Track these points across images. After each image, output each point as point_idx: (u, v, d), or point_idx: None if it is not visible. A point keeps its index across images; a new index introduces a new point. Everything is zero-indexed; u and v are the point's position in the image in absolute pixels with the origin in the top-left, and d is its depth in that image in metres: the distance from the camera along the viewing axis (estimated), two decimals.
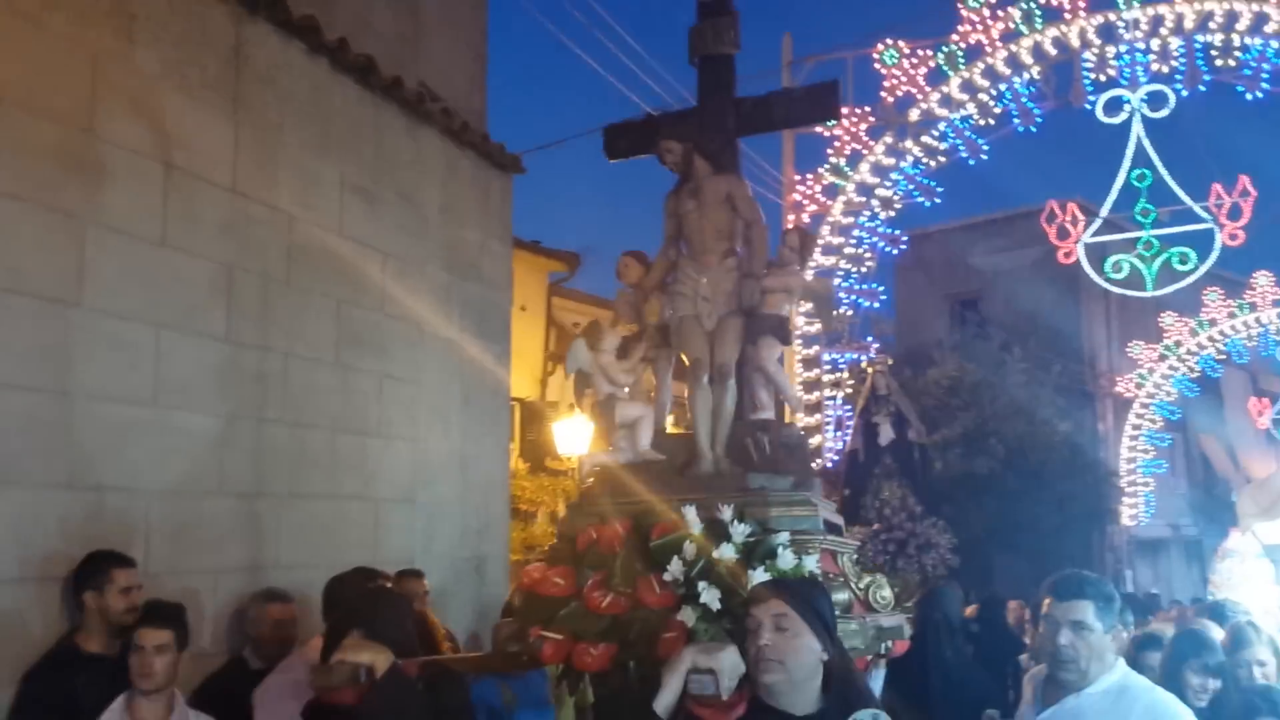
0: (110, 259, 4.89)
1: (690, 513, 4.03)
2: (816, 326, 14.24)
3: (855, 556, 4.73)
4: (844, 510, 12.01)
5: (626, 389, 4.90)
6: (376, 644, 3.38)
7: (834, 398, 14.11)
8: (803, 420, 13.98)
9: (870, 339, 14.55)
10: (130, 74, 5.06)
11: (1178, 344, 20.64)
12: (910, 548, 11.17)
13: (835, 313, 14.10)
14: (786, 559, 3.91)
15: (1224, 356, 20.46)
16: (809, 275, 5.39)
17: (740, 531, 3.96)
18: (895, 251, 14.78)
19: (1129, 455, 21.12)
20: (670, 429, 5.33)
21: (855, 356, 14.20)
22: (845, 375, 14.15)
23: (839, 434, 13.90)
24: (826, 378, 14.22)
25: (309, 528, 5.95)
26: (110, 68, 4.96)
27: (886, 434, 11.97)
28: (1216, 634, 4.95)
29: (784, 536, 4.03)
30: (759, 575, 3.78)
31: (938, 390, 18.06)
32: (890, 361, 13.33)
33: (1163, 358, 20.83)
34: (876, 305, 14.68)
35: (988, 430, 18.10)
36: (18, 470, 4.41)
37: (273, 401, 5.75)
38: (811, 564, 4.04)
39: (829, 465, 13.87)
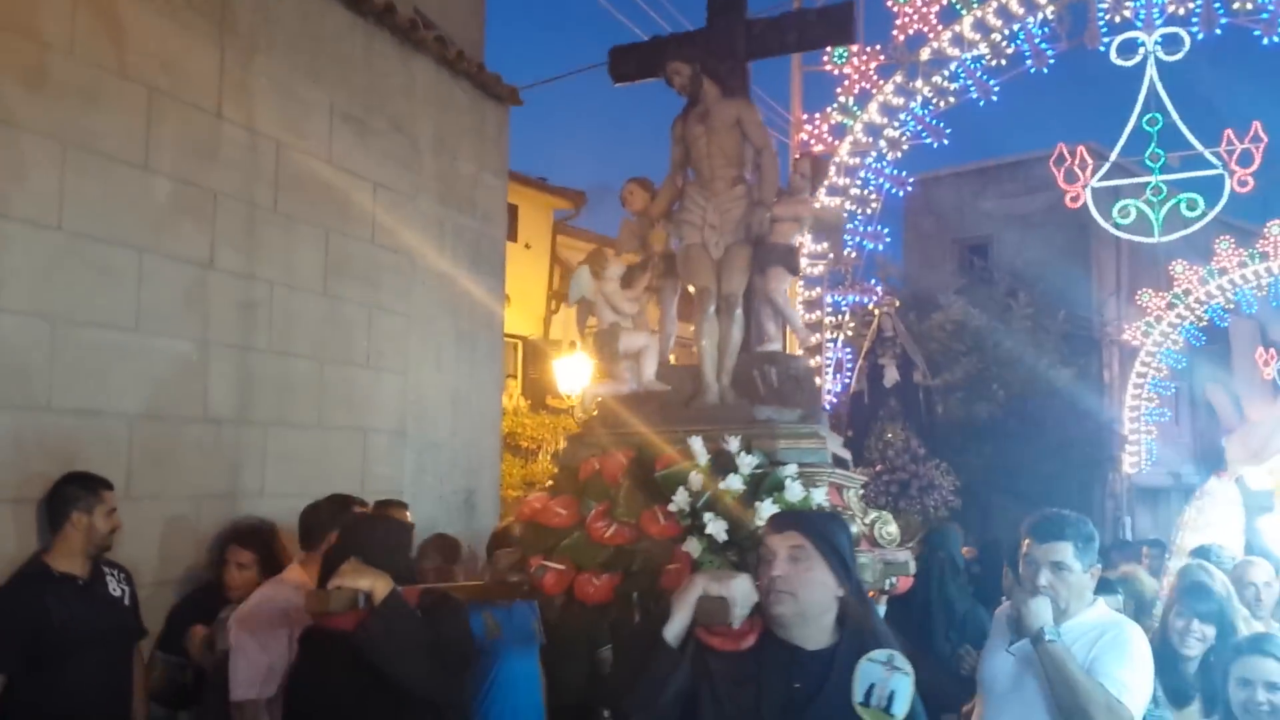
0: (91, 182, 4.85)
1: (696, 444, 3.98)
2: (820, 267, 14.15)
3: (861, 492, 4.70)
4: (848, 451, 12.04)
5: (631, 318, 4.82)
6: (375, 570, 3.32)
7: (834, 339, 14.05)
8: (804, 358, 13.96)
9: (874, 281, 14.45)
10: None
11: (1186, 292, 20.46)
12: (913, 489, 11.18)
13: (846, 251, 14.03)
14: (794, 491, 3.85)
15: (1233, 306, 20.29)
16: (820, 204, 5.26)
17: (747, 463, 3.91)
18: (901, 193, 14.60)
19: (1133, 403, 21.05)
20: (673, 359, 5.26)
21: (858, 299, 14.11)
22: (847, 317, 14.07)
23: (839, 376, 13.85)
24: (828, 319, 14.15)
25: (294, 457, 5.96)
26: None
27: (891, 376, 11.92)
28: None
29: (792, 468, 3.98)
30: (766, 507, 3.73)
31: (941, 335, 17.98)
32: (897, 304, 13.24)
33: (1171, 306, 20.67)
34: (880, 247, 14.56)
35: (989, 376, 18.06)
36: None
37: (258, 329, 5.74)
38: (820, 497, 4.00)
39: (828, 407, 13.87)
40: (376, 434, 6.65)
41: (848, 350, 13.96)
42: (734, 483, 3.84)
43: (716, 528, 3.72)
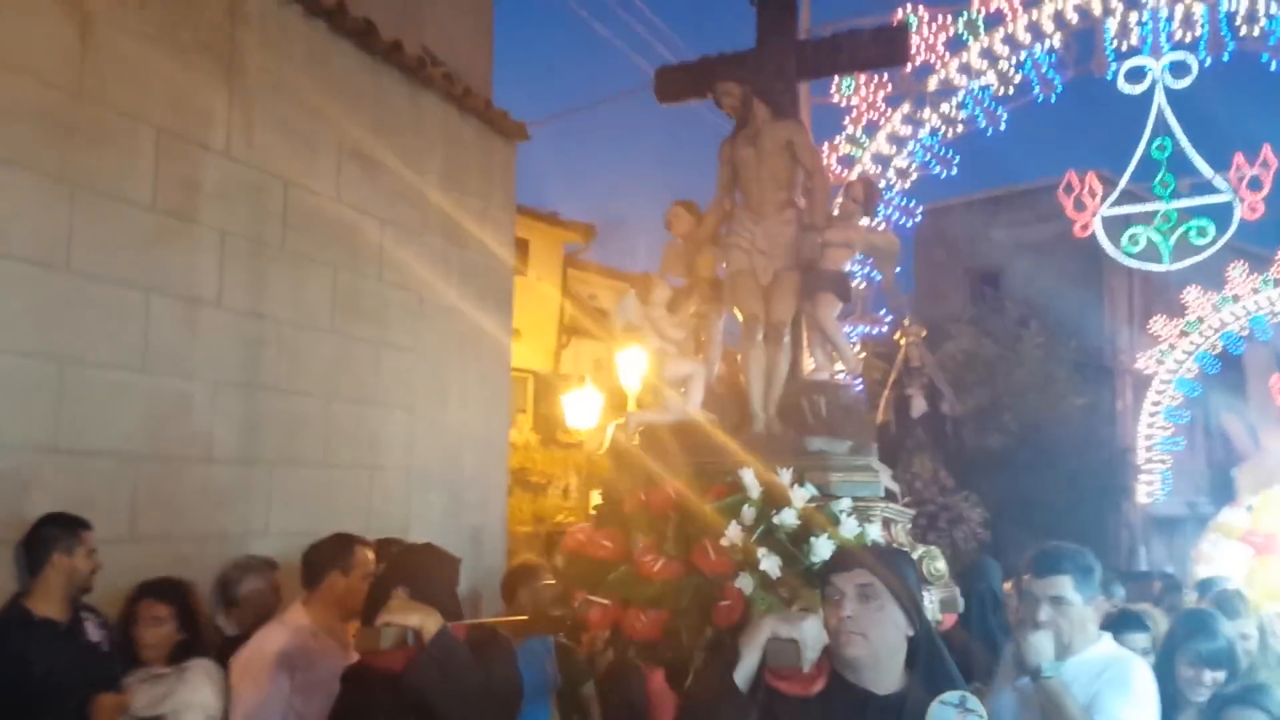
0: (99, 223, 4.86)
1: (749, 476, 3.88)
2: None
3: (909, 526, 4.59)
4: None
5: (677, 345, 4.74)
6: (425, 606, 3.19)
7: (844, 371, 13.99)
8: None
9: (883, 312, 14.41)
10: (121, 36, 5.01)
11: (1200, 320, 20.35)
12: (941, 521, 11.03)
13: (856, 283, 13.96)
14: (849, 526, 3.77)
15: (1247, 333, 20.17)
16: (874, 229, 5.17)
17: (800, 496, 3.81)
18: (910, 223, 14.59)
19: (1147, 432, 20.89)
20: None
21: (868, 329, 14.05)
22: (857, 349, 14.01)
23: None
24: None
25: (301, 495, 5.93)
26: (100, 29, 4.91)
27: (919, 406, 11.80)
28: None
29: (845, 503, 3.90)
30: (821, 543, 3.65)
31: (953, 365, 17.87)
32: (924, 333, 13.09)
33: (1184, 334, 20.55)
34: None
35: (1002, 405, 17.95)
36: (3, 433, 4.41)
37: (266, 368, 5.73)
38: (875, 532, 3.92)
39: None
40: (383, 471, 6.62)
41: (858, 381, 13.88)
42: (788, 517, 3.74)
43: (770, 564, 3.63)
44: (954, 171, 13.99)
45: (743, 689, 2.64)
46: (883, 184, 13.88)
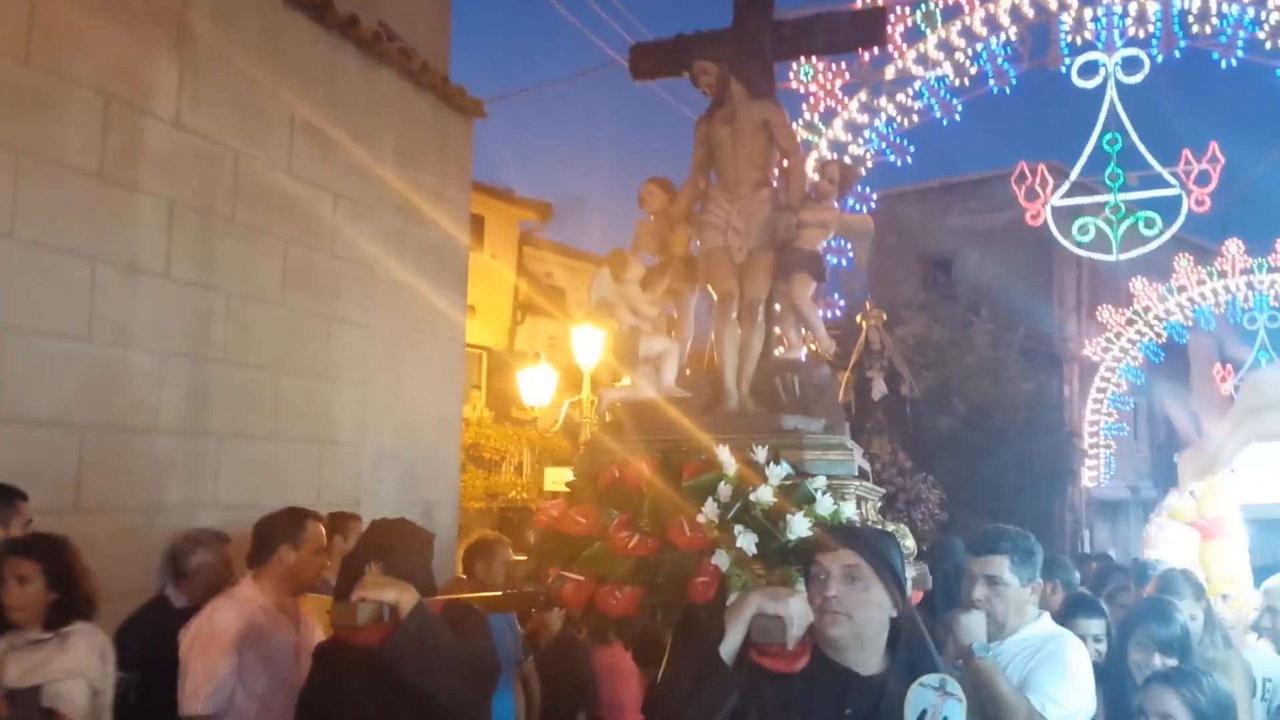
0: (45, 191, 4.81)
1: (724, 453, 3.82)
2: None
3: (879, 504, 4.64)
4: None
5: (651, 322, 4.67)
6: (400, 581, 3.17)
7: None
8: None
9: (838, 296, 14.54)
10: (68, 4, 4.95)
11: (1146, 309, 20.75)
12: (899, 502, 11.14)
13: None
14: (825, 504, 3.71)
15: (1192, 323, 20.59)
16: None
17: (776, 474, 3.76)
18: (865, 209, 14.71)
19: (1092, 418, 21.30)
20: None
21: (823, 312, 14.17)
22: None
23: None
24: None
25: (250, 468, 5.93)
26: None
27: (879, 389, 11.89)
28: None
29: (821, 480, 3.82)
30: (797, 520, 3.61)
31: (904, 349, 18.05)
32: (885, 316, 13.24)
33: (1131, 323, 20.95)
34: (844, 263, 14.65)
35: (951, 390, 18.19)
36: None
37: (214, 341, 5.71)
38: (849, 510, 3.89)
39: None
40: (334, 445, 6.63)
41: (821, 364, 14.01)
42: (765, 494, 3.69)
43: (746, 540, 3.58)
44: (909, 160, 14.11)
45: (728, 663, 2.65)
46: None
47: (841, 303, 14.24)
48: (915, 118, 13.82)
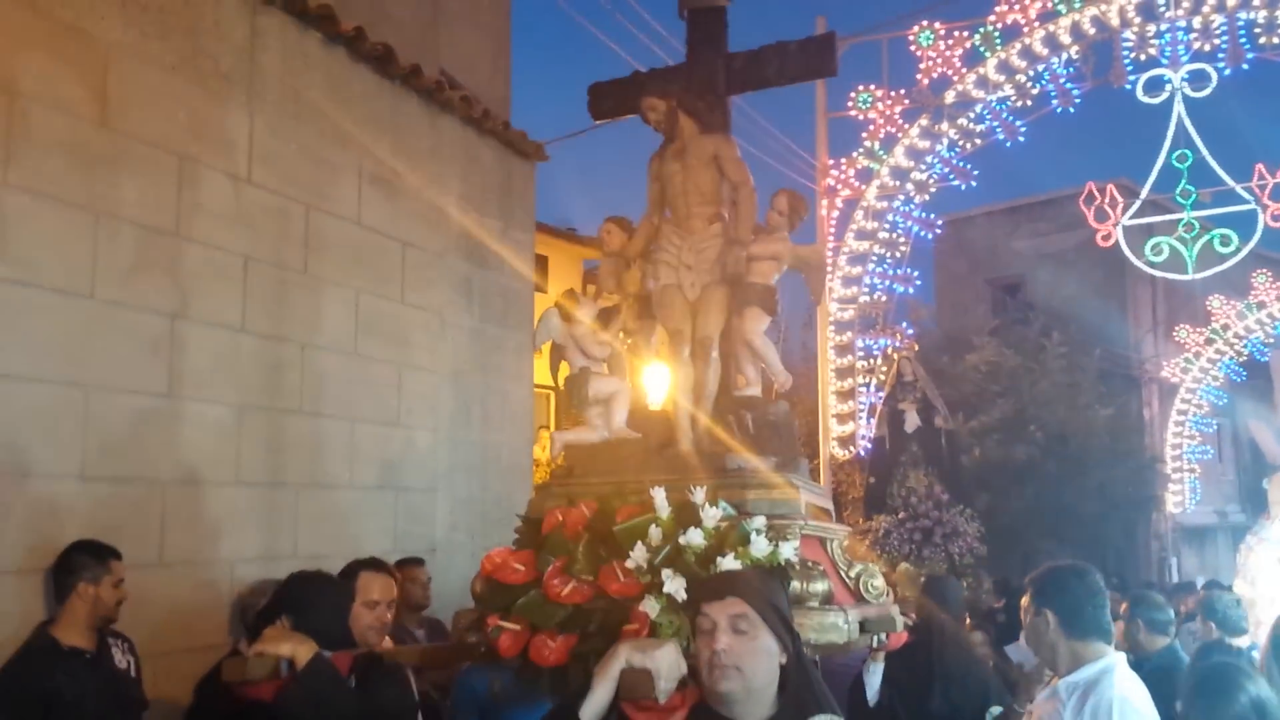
0: (122, 250, 4.91)
1: (659, 495, 3.76)
2: (850, 311, 14.09)
3: (845, 543, 4.45)
4: (869, 498, 11.87)
5: (603, 362, 4.64)
6: (299, 634, 3.16)
7: (867, 384, 13.96)
8: (835, 407, 13.86)
9: (905, 324, 14.38)
10: (142, 66, 5.08)
11: (1225, 328, 20.23)
12: (936, 536, 10.97)
13: (876, 295, 13.91)
14: (760, 545, 3.62)
15: (1272, 340, 20.03)
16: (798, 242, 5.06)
17: (711, 515, 3.68)
18: (930, 236, 14.57)
19: (1175, 441, 20.76)
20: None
21: (890, 342, 14.04)
22: (879, 361, 13.98)
23: (871, 420, 13.75)
24: (860, 364, 14.07)
25: (327, 517, 5.96)
26: (122, 61, 4.98)
27: (912, 421, 11.78)
28: None
29: (759, 521, 3.75)
30: (728, 562, 3.53)
31: (976, 376, 17.84)
32: (916, 348, 13.14)
33: (1209, 341, 20.43)
34: (911, 290, 14.51)
35: (1027, 417, 17.84)
36: (32, 461, 4.45)
37: (289, 391, 5.77)
38: (789, 550, 3.73)
39: (862, 453, 13.73)
40: (408, 492, 6.65)
41: (880, 394, 13.87)
42: (695, 537, 3.61)
43: (675, 585, 3.48)
44: (973, 184, 13.95)
45: None
46: (901, 198, 13.87)
47: (910, 331, 14.04)
48: (978, 140, 13.69)
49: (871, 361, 14.06)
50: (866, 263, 14.09)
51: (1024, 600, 3.56)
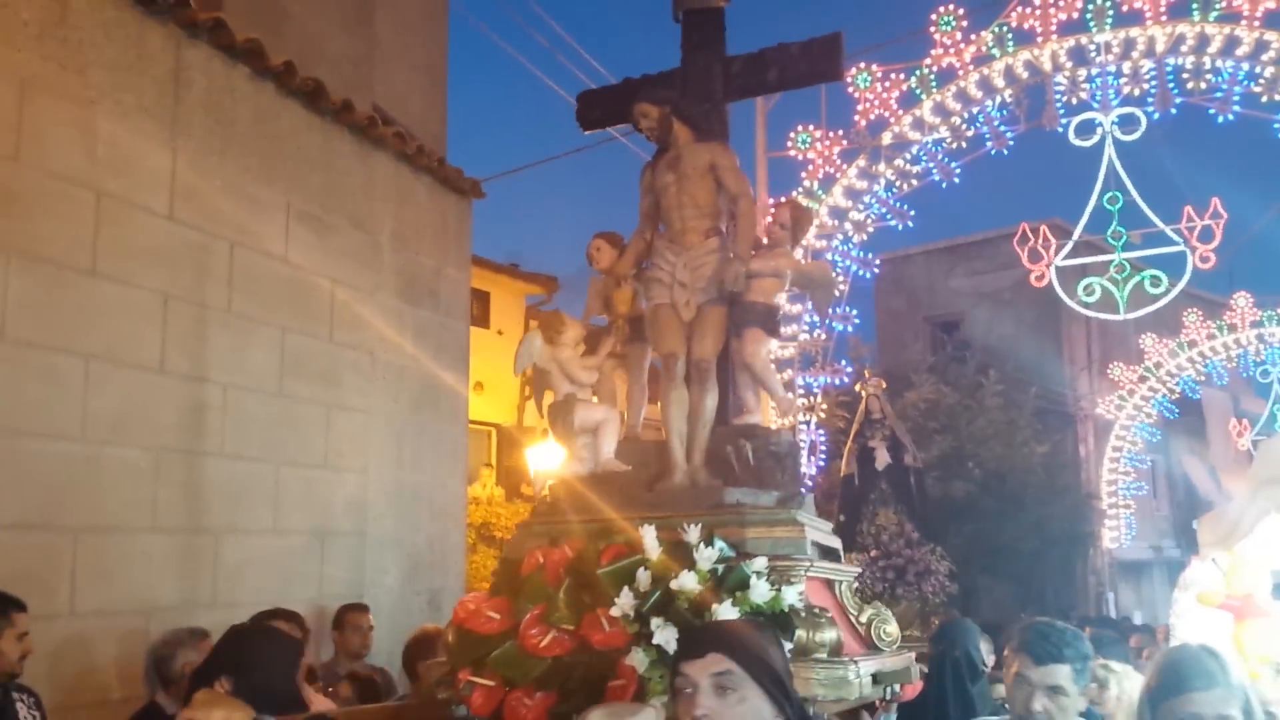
0: (36, 290, 4.74)
1: (649, 534, 3.42)
2: (790, 349, 14.12)
3: (855, 585, 4.18)
4: (840, 536, 11.80)
5: (589, 389, 4.35)
6: (233, 700, 2.92)
7: (808, 422, 13.97)
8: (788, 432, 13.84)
9: (844, 363, 14.43)
10: (59, 100, 4.93)
11: (1158, 365, 20.59)
12: (909, 575, 10.88)
13: (815, 333, 13.94)
14: (761, 590, 3.31)
15: (1204, 378, 20.41)
16: (804, 257, 4.75)
17: (707, 556, 3.35)
18: (868, 275, 14.67)
19: (1110, 478, 21.04)
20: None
21: (830, 380, 14.07)
22: (819, 399, 14.01)
23: (813, 459, 13.74)
24: (801, 401, 14.08)
25: (250, 564, 5.78)
26: (38, 93, 4.83)
27: (883, 458, 11.71)
28: None
29: (760, 562, 3.41)
30: (725, 609, 3.20)
31: (914, 413, 17.92)
32: (884, 385, 13.15)
33: (1143, 379, 20.77)
34: (850, 329, 14.57)
35: (965, 454, 17.99)
36: None
37: (210, 434, 5.60)
38: (793, 595, 3.43)
39: (804, 491, 13.71)
40: (335, 537, 6.48)
41: (820, 432, 13.88)
42: (688, 581, 3.27)
43: (665, 636, 3.12)
44: (909, 224, 14.10)
45: None
46: (840, 238, 13.97)
47: (849, 369, 14.10)
48: (914, 181, 13.84)
49: (812, 399, 14.07)
50: (805, 300, 14.14)
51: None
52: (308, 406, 6.30)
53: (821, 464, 13.80)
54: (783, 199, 4.37)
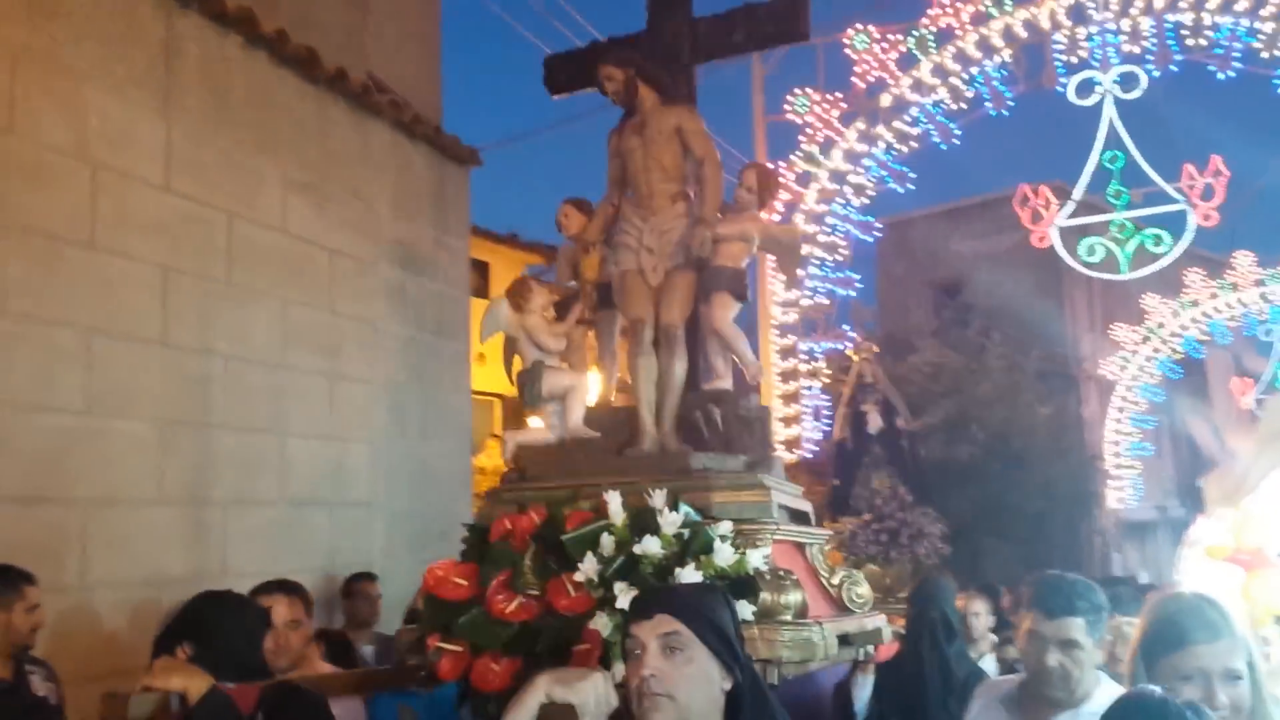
0: (34, 264, 4.73)
1: (614, 499, 3.42)
2: (793, 315, 14.09)
3: (827, 547, 4.22)
4: (834, 501, 11.84)
5: (556, 355, 4.33)
6: (191, 666, 2.86)
7: (811, 387, 13.96)
8: (779, 411, 13.85)
9: (848, 327, 14.40)
10: (52, 72, 4.90)
11: (1160, 326, 20.54)
12: (903, 537, 10.92)
13: (817, 298, 13.92)
14: (725, 554, 3.32)
15: (1207, 337, 20.37)
16: (772, 220, 4.68)
17: (671, 521, 3.36)
18: (870, 239, 14.62)
19: (1114, 438, 21.03)
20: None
21: (833, 345, 14.05)
22: (822, 364, 14.00)
23: (816, 424, 13.74)
24: (803, 367, 14.07)
25: (259, 535, 5.80)
26: (30, 66, 4.80)
27: (875, 422, 11.75)
28: None
29: (725, 526, 3.43)
30: (687, 573, 3.22)
31: (918, 377, 17.92)
32: (876, 349, 13.16)
33: (1146, 340, 20.73)
34: (853, 294, 14.54)
35: (969, 417, 17.97)
36: None
37: (215, 406, 5.60)
38: (758, 559, 3.45)
39: (808, 455, 13.73)
40: (343, 507, 6.49)
41: (825, 397, 13.87)
42: (652, 545, 3.28)
43: (628, 600, 3.12)
44: (910, 187, 14.03)
45: None
46: (841, 202, 13.92)
47: (853, 335, 14.08)
48: (914, 144, 13.76)
49: (814, 365, 14.06)
50: (807, 266, 14.11)
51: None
52: (311, 378, 6.30)
53: (826, 429, 13.80)
54: (749, 163, 4.33)
